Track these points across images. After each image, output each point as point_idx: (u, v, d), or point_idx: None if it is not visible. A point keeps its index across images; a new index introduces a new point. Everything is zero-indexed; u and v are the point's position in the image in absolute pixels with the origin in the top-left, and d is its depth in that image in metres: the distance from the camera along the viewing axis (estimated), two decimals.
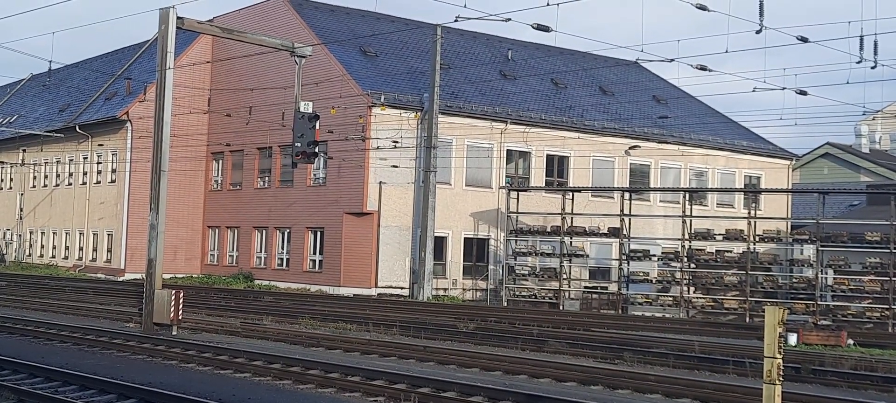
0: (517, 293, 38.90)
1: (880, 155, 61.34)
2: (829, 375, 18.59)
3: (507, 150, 42.57)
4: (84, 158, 51.90)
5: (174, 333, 22.21)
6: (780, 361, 10.55)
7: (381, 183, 39.28)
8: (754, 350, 19.79)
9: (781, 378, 10.64)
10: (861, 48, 24.44)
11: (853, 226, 37.19)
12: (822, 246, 34.33)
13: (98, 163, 50.76)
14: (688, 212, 37.00)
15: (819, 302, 33.33)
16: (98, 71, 55.68)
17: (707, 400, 15.21)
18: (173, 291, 22.96)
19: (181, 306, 22.80)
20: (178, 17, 24.00)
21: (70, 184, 53.38)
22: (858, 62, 24.61)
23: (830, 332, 26.15)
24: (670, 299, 36.60)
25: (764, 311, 10.80)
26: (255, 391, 14.67)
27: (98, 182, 50.81)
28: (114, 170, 49.27)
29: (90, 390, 14.22)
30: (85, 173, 51.92)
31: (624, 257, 37.29)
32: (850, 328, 29.28)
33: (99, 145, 50.45)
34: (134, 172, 45.82)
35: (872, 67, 25.01)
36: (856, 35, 24.48)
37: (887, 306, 32.34)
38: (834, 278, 34.55)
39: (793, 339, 23.95)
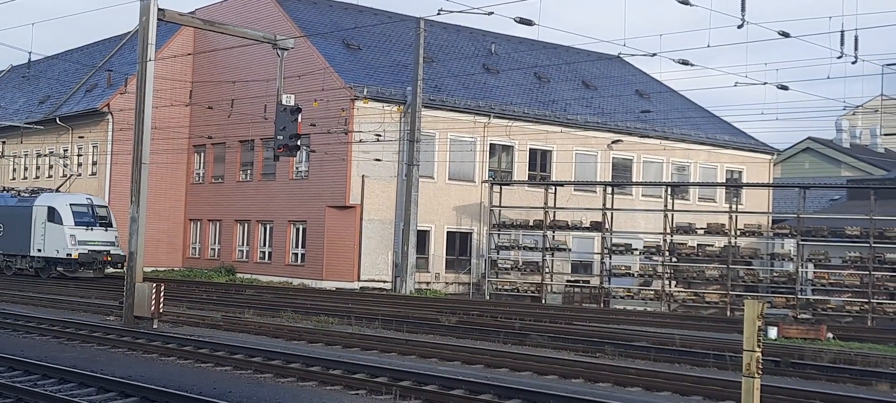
0: (499, 286, 38.94)
1: (861, 150, 61.66)
2: (808, 368, 18.74)
3: (491, 144, 42.57)
4: (65, 150, 51.59)
5: (155, 326, 22.11)
6: (760, 354, 10.62)
7: (363, 176, 39.21)
8: (735, 343, 19.87)
9: (761, 371, 10.70)
10: (842, 43, 24.54)
11: (833, 221, 37.42)
12: (802, 240, 34.53)
13: (79, 155, 50.47)
14: (670, 207, 37.13)
15: (799, 296, 33.53)
16: (79, 63, 55.32)
17: (687, 393, 15.28)
18: (154, 284, 22.85)
19: (162, 299, 22.70)
20: (160, 9, 23.83)
21: (50, 176, 53.05)
22: (839, 57, 24.69)
23: (810, 326, 26.33)
24: (652, 293, 36.75)
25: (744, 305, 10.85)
26: (235, 384, 14.63)
27: (79, 174, 50.50)
28: (94, 163, 48.99)
29: (70, 383, 14.16)
30: (65, 165, 51.58)
31: (606, 251, 37.41)
32: (830, 321, 29.52)
33: (79, 137, 50.14)
34: (115, 165, 45.55)
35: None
36: (837, 30, 24.67)
37: (866, 300, 32.56)
38: (814, 272, 34.77)
39: (773, 333, 24.08)
